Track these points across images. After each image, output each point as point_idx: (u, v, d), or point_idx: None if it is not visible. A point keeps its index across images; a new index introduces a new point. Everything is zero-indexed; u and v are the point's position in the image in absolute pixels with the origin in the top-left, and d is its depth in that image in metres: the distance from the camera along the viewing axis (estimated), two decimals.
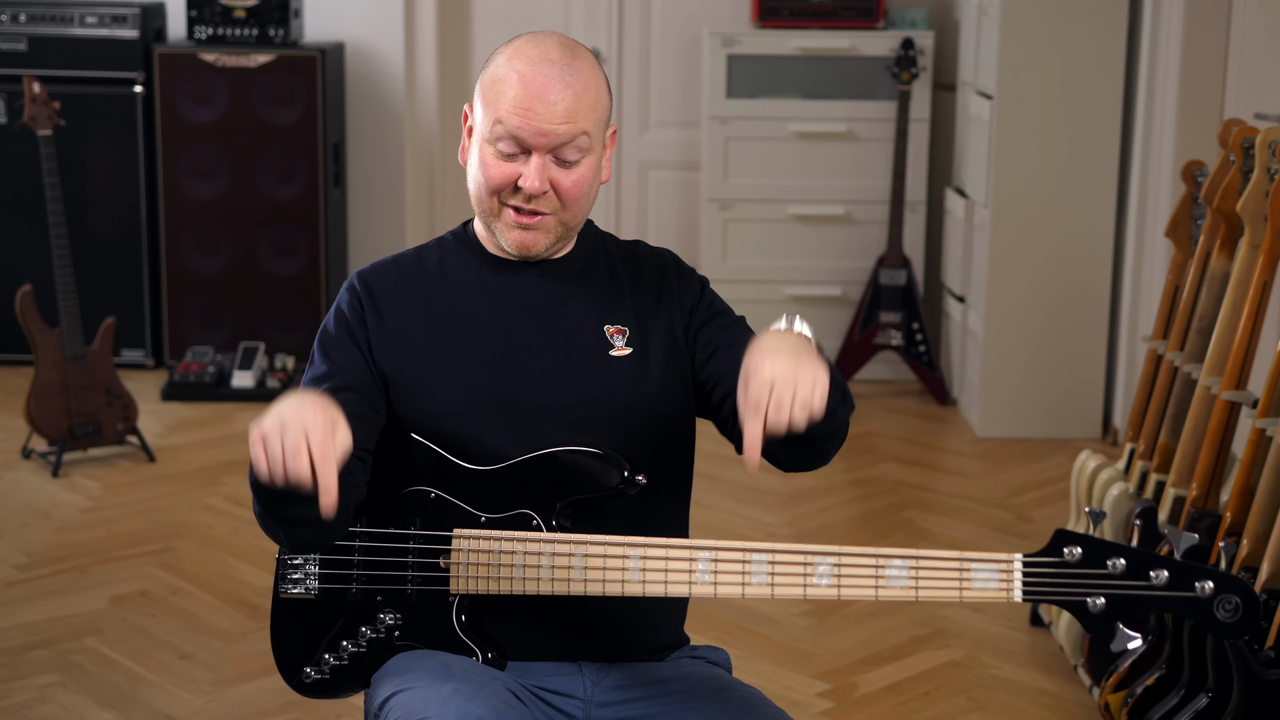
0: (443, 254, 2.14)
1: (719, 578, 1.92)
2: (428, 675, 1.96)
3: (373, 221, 6.24)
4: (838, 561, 1.88)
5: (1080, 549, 1.81)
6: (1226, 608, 1.79)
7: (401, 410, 2.06)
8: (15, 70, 5.80)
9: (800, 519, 4.55)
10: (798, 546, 1.90)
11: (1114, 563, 1.81)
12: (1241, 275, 3.18)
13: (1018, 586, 1.84)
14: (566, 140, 2.00)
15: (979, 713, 3.40)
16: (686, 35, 6.27)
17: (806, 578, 1.89)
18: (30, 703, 3.38)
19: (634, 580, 1.94)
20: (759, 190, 6.00)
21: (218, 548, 4.27)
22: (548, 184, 2.01)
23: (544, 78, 1.99)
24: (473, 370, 2.06)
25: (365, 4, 6.12)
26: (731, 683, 2.10)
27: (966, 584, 1.85)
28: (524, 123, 1.99)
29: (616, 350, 2.09)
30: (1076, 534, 1.83)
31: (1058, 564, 1.82)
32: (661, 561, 1.94)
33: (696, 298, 2.16)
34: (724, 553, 1.92)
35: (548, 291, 2.10)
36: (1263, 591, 2.79)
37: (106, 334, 4.94)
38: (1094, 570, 1.81)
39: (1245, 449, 2.99)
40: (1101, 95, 5.17)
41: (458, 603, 2.04)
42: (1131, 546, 1.81)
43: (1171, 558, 1.81)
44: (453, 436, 2.04)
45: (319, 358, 2.08)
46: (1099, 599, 1.81)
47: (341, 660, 2.08)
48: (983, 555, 1.85)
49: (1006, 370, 5.36)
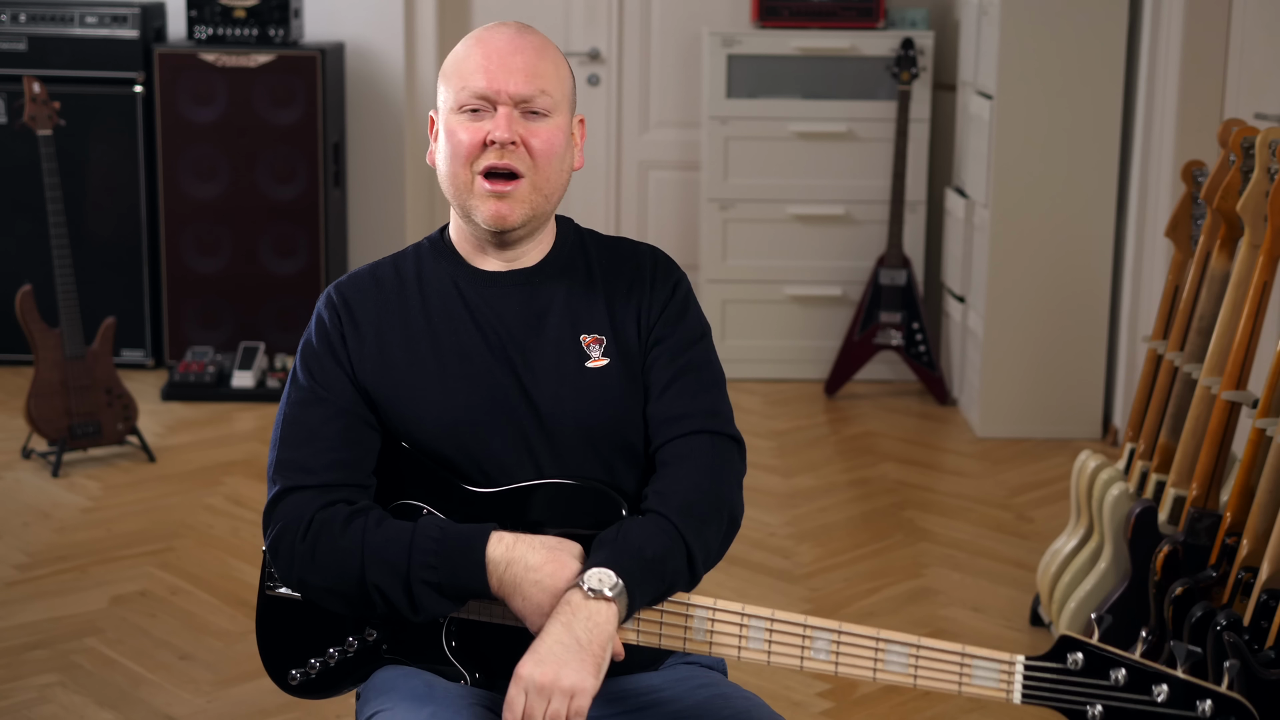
0: (420, 264, 2.12)
1: (715, 637, 1.92)
2: (409, 697, 1.97)
3: (373, 221, 6.24)
4: (837, 639, 1.89)
5: (1083, 656, 1.81)
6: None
7: (390, 422, 2.05)
8: (15, 70, 5.80)
9: (800, 519, 4.55)
10: (798, 617, 1.90)
11: (1116, 674, 1.80)
12: (1241, 275, 3.18)
13: (1018, 688, 1.83)
14: (529, 96, 2.01)
15: (979, 713, 3.40)
16: (686, 35, 6.27)
17: (805, 650, 1.89)
18: (30, 703, 3.38)
19: (628, 627, 1.94)
20: (759, 190, 6.00)
21: (218, 548, 4.27)
22: (517, 135, 2.01)
23: (502, 39, 2.03)
24: (452, 387, 2.03)
25: (365, 4, 6.12)
26: (727, 689, 2.08)
27: (966, 679, 1.85)
28: (487, 80, 2.01)
29: (593, 361, 2.06)
30: (1081, 641, 1.82)
31: (1059, 670, 1.82)
32: (656, 613, 1.94)
33: (664, 303, 2.11)
34: (721, 613, 1.92)
35: (525, 302, 2.07)
36: (1263, 591, 2.79)
37: (106, 334, 4.94)
38: (1095, 681, 1.81)
39: (1245, 449, 2.99)
40: (1102, 96, 5.17)
41: (447, 626, 2.03)
42: (1135, 659, 1.80)
43: (1174, 674, 1.80)
44: (434, 453, 2.03)
45: (304, 377, 2.06)
46: (1098, 708, 1.80)
47: (328, 665, 2.07)
48: (985, 653, 1.85)
49: (1006, 370, 5.36)
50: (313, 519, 1.97)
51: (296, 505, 1.99)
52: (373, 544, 1.94)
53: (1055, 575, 3.68)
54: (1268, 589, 2.79)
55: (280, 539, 1.98)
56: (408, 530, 1.94)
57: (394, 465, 2.05)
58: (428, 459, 2.03)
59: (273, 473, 2.03)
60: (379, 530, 1.95)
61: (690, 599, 1.93)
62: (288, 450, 2.02)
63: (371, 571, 1.93)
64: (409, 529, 1.94)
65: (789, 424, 5.52)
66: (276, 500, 2.00)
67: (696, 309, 2.14)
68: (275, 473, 2.02)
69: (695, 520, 1.98)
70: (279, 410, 2.07)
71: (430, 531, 1.94)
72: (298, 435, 2.02)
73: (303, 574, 1.97)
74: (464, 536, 1.93)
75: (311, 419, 2.03)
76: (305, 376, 2.06)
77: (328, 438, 2.01)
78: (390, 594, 1.93)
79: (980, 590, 4.05)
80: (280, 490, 2.00)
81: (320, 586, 1.97)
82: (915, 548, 4.36)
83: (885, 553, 4.32)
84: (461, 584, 1.91)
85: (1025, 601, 3.97)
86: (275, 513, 2.00)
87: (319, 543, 1.96)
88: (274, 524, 2.00)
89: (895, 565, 4.22)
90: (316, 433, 2.02)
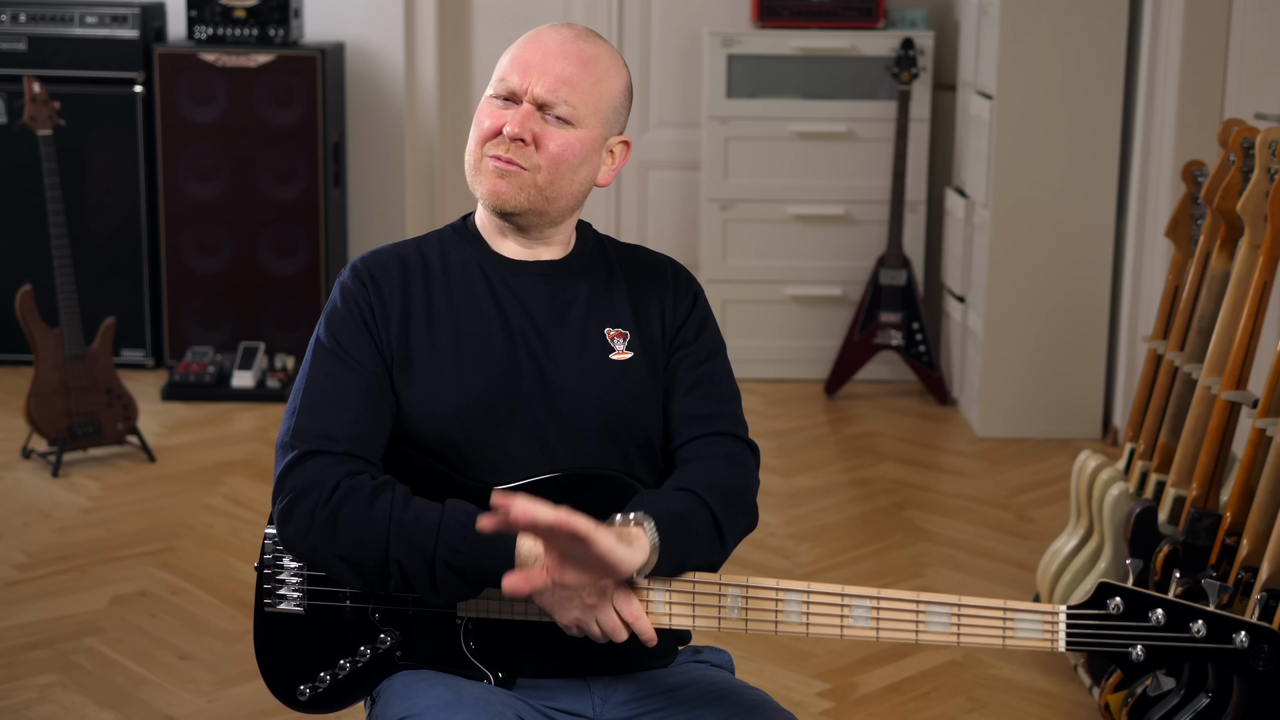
0: (444, 248, 2.12)
1: (750, 614, 1.92)
2: (439, 705, 1.92)
3: (373, 221, 6.24)
4: (876, 604, 1.89)
5: (1121, 600, 1.87)
6: (1262, 657, 1.86)
7: (403, 404, 2.02)
8: (15, 70, 5.80)
9: (800, 519, 4.55)
10: (835, 588, 1.90)
11: (1155, 615, 1.87)
12: (1241, 275, 3.18)
13: (1062, 636, 1.88)
14: (550, 101, 2.01)
15: (979, 713, 3.40)
16: (686, 35, 6.27)
17: (844, 619, 1.90)
18: (30, 703, 3.38)
19: (660, 611, 1.93)
20: (759, 190, 6.00)
21: (218, 548, 4.27)
22: (529, 133, 2.01)
23: (553, 41, 2.04)
24: (472, 371, 2.03)
25: (365, 4, 6.12)
26: (738, 685, 2.09)
27: (1010, 633, 1.89)
28: (520, 77, 2.02)
29: (617, 354, 2.08)
30: (1119, 586, 1.88)
31: (1101, 616, 1.88)
32: (689, 595, 1.93)
33: (687, 311, 2.14)
34: (756, 590, 1.92)
35: (550, 292, 2.09)
36: (1263, 591, 2.79)
37: (106, 334, 4.94)
38: (1136, 623, 1.87)
39: (1245, 449, 2.99)
40: (1101, 95, 5.17)
41: (465, 626, 2.01)
42: (1172, 598, 1.87)
43: (1209, 610, 1.87)
44: (451, 440, 2.01)
45: (329, 341, 2.02)
46: (1139, 649, 1.87)
47: (338, 677, 2.04)
48: (1027, 605, 1.88)
49: (1006, 370, 5.36)
50: (338, 485, 1.93)
51: (319, 470, 1.94)
52: (400, 520, 1.90)
53: (1055, 575, 3.68)
54: (1268, 589, 2.79)
55: (298, 503, 1.93)
56: (437, 510, 1.92)
57: (400, 459, 2.03)
58: (438, 448, 2.01)
59: (290, 438, 1.97)
60: (408, 507, 1.92)
61: (722, 577, 1.92)
62: (309, 416, 1.98)
63: (396, 547, 1.89)
64: (438, 509, 1.92)
65: (789, 424, 5.52)
66: (295, 464, 1.95)
67: (714, 324, 2.18)
68: (293, 438, 1.97)
69: (722, 496, 2.00)
70: (299, 376, 2.03)
71: (460, 515, 1.91)
72: (323, 401, 1.98)
73: (318, 541, 1.92)
74: None
75: (338, 387, 1.99)
76: (332, 342, 2.02)
77: (354, 408, 1.98)
78: (411, 572, 1.90)
79: (980, 590, 4.05)
80: (301, 454, 1.95)
81: (335, 555, 1.92)
82: (915, 548, 4.36)
83: (885, 553, 4.32)
84: (486, 571, 1.89)
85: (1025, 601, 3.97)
86: (293, 475, 1.94)
87: (343, 510, 1.91)
88: (292, 488, 1.94)
89: (895, 565, 4.23)
90: (343, 401, 1.98)
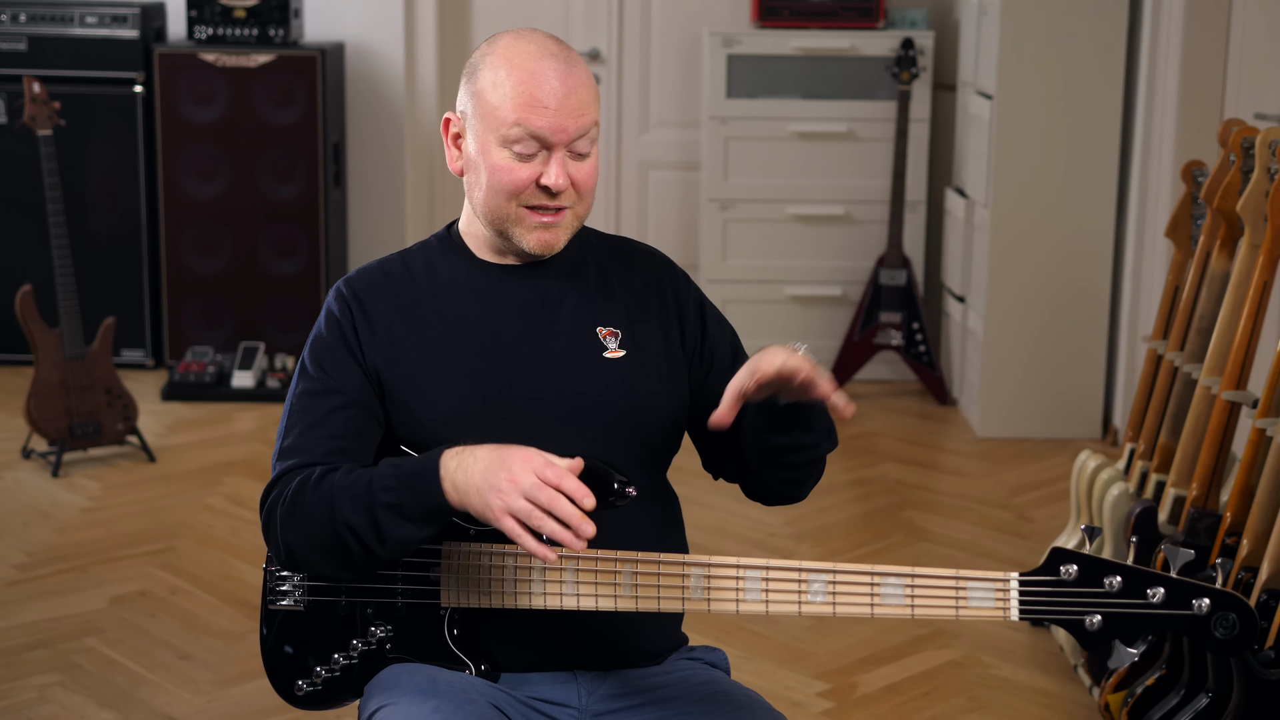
0: (429, 259, 2.12)
1: (712, 593, 1.91)
2: (412, 692, 1.96)
3: (373, 221, 6.24)
4: (832, 579, 1.87)
5: (1076, 567, 1.81)
6: (1224, 625, 1.79)
7: (394, 418, 2.05)
8: (15, 70, 5.80)
9: (800, 519, 4.55)
10: (792, 563, 1.89)
11: (1110, 581, 1.80)
12: (1241, 275, 3.18)
13: (1014, 605, 1.83)
14: (584, 133, 2.01)
15: (979, 713, 3.40)
16: (686, 35, 6.27)
17: (801, 594, 1.88)
18: (30, 703, 3.38)
19: (626, 595, 1.93)
20: (759, 190, 6.00)
21: (218, 548, 4.27)
22: (568, 179, 2.01)
23: (554, 73, 1.99)
24: (464, 378, 2.04)
25: (365, 4, 6.12)
26: (728, 685, 2.09)
27: (963, 603, 1.85)
28: (546, 121, 1.98)
29: (610, 352, 2.08)
30: (1072, 552, 1.81)
31: (1054, 583, 1.81)
32: (654, 576, 1.92)
33: (690, 299, 2.16)
34: (717, 568, 1.91)
35: (538, 294, 2.09)
36: (1263, 591, 2.79)
37: (106, 334, 4.94)
38: (1090, 589, 1.80)
39: (1245, 449, 2.99)
40: (1101, 95, 5.17)
41: (449, 616, 2.03)
42: (1128, 564, 1.81)
43: (1168, 575, 1.80)
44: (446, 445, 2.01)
45: (313, 368, 2.06)
46: (1096, 617, 1.80)
47: (333, 672, 2.06)
48: (978, 574, 1.85)
49: (1006, 370, 5.36)
50: (294, 482, 1.98)
51: (288, 482, 1.99)
52: (340, 485, 1.94)
53: None
54: (1268, 589, 2.79)
55: (270, 513, 1.99)
56: (372, 468, 1.96)
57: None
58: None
59: (275, 460, 2.04)
60: (348, 475, 1.96)
61: (684, 559, 1.93)
62: (291, 438, 2.03)
63: (340, 510, 1.92)
64: (374, 468, 1.96)
65: None
66: (273, 484, 2.01)
67: (712, 304, 2.21)
68: (277, 460, 2.03)
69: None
70: (286, 401, 2.08)
71: (391, 462, 1.95)
72: (303, 424, 2.03)
73: (287, 537, 1.96)
74: (421, 458, 1.93)
75: (318, 409, 2.03)
76: (315, 368, 2.06)
77: (332, 426, 2.02)
78: (359, 529, 1.91)
79: None
80: (278, 474, 2.01)
81: (303, 545, 1.96)
82: (915, 548, 4.36)
83: (885, 553, 4.32)
84: (421, 500, 1.90)
85: None
86: (272, 493, 2.00)
87: (297, 500, 1.96)
88: (267, 505, 2.00)
89: (895, 565, 4.22)
90: (321, 421, 2.02)
